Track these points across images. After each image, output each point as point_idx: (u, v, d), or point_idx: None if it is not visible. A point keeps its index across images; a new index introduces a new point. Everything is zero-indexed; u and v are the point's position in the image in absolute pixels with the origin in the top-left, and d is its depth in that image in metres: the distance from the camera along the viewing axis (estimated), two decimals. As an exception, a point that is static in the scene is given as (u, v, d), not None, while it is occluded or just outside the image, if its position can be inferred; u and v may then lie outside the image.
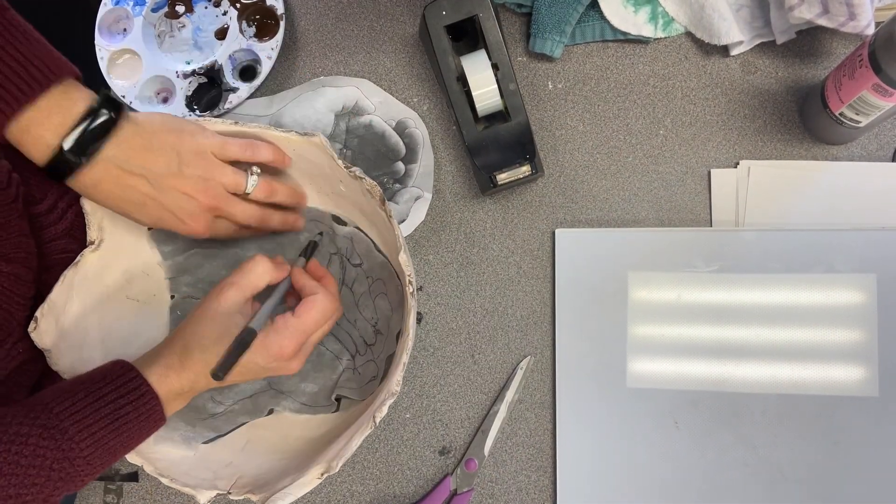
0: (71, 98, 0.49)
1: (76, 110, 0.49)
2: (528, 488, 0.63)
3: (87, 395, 0.48)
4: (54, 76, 0.48)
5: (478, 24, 0.63)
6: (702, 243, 0.63)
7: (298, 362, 0.55)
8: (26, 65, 0.47)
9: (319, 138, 0.56)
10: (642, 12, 0.67)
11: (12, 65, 0.47)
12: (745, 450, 0.60)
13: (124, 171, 0.51)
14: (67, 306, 0.56)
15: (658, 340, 0.63)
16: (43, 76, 0.48)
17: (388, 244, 0.61)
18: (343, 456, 0.51)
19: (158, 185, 0.53)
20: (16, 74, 0.47)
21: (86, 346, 0.58)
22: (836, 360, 0.60)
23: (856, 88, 0.56)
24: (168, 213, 0.54)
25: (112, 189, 0.52)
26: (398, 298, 0.62)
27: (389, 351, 0.61)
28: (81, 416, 0.47)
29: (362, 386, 0.62)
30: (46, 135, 0.48)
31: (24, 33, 0.48)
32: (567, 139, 0.68)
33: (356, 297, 0.63)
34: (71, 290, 0.56)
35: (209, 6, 0.73)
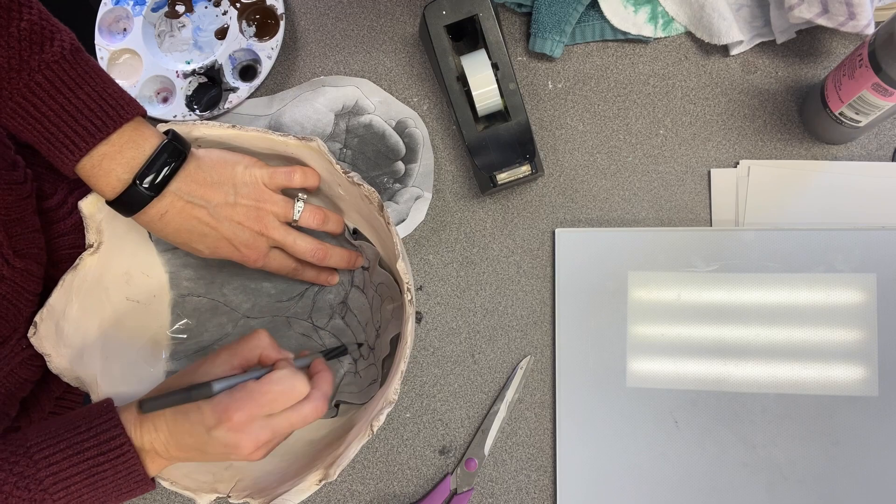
0: (143, 135, 0.52)
1: (148, 146, 0.52)
2: (528, 488, 0.63)
3: (68, 445, 0.47)
4: (127, 114, 0.52)
5: (478, 24, 0.63)
6: (702, 243, 0.63)
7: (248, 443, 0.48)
8: (101, 103, 0.51)
9: (317, 143, 0.55)
10: (642, 12, 0.67)
11: (89, 103, 0.50)
12: (744, 449, 0.60)
13: (188, 203, 0.54)
14: (67, 310, 0.56)
15: (658, 340, 0.63)
16: (116, 114, 0.51)
17: (387, 249, 0.61)
18: (341, 463, 0.51)
19: (217, 215, 0.55)
20: (92, 112, 0.50)
21: (86, 349, 0.58)
22: (835, 359, 0.60)
23: (856, 88, 0.56)
24: (225, 242, 0.57)
25: (176, 220, 0.55)
26: (397, 305, 0.62)
27: (384, 354, 0.61)
28: (59, 469, 0.46)
29: (362, 389, 0.62)
30: (118, 168, 0.52)
31: (97, 73, 0.52)
32: (567, 139, 0.68)
33: (369, 300, 0.63)
34: (70, 294, 0.56)
35: (209, 6, 0.73)
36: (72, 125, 0.50)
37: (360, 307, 0.63)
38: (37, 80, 0.49)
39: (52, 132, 0.50)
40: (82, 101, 0.50)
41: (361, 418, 0.58)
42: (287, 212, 0.58)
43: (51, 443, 0.47)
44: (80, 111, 0.50)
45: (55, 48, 0.50)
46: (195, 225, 0.55)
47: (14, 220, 0.55)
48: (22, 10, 0.49)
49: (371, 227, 0.62)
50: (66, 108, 0.50)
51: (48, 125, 0.50)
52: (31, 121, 0.50)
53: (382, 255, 0.62)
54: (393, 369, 0.55)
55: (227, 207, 0.56)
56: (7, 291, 0.54)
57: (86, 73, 0.51)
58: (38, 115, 0.50)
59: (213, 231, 0.56)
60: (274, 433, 0.49)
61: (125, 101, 0.52)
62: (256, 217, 0.57)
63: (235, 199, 0.56)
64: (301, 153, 0.57)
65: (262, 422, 0.48)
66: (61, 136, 0.50)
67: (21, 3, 0.50)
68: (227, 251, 0.57)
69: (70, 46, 0.51)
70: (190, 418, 0.48)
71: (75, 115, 0.50)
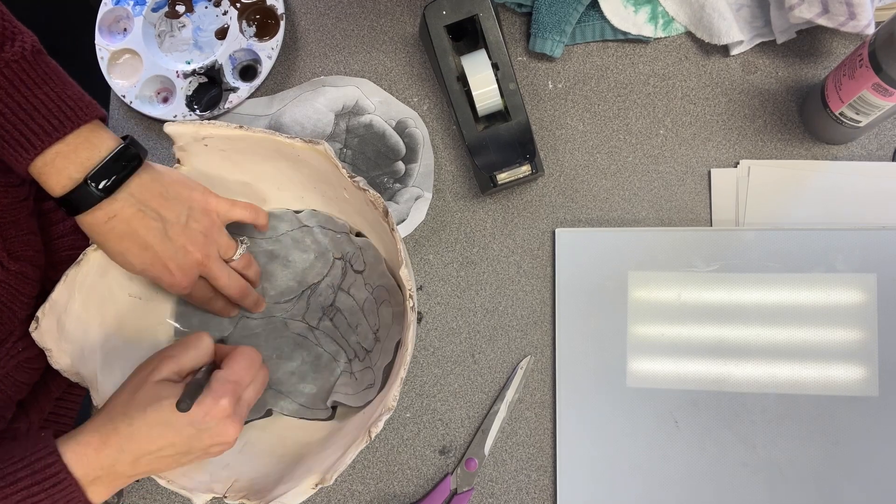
0: (99, 136, 0.52)
1: (104, 147, 0.52)
2: (529, 488, 0.63)
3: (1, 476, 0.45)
4: (85, 115, 0.51)
5: (478, 24, 0.63)
6: (702, 243, 0.63)
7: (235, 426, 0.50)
8: (59, 104, 0.50)
9: (324, 147, 0.55)
10: (642, 12, 0.67)
11: (46, 103, 0.50)
12: (744, 449, 0.60)
13: (140, 211, 0.54)
14: (69, 305, 0.56)
15: (658, 340, 0.63)
16: (74, 115, 0.51)
17: (390, 254, 0.61)
18: (338, 469, 0.51)
19: (166, 232, 0.55)
20: (49, 112, 0.50)
21: (87, 345, 0.58)
22: (836, 359, 0.60)
23: (856, 88, 0.56)
24: (160, 261, 0.56)
25: (123, 226, 0.54)
26: (400, 310, 0.62)
27: (387, 360, 0.61)
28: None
29: (358, 392, 0.62)
30: (70, 167, 0.51)
31: (56, 74, 0.52)
32: (567, 139, 0.68)
33: (360, 303, 0.63)
34: (73, 289, 0.56)
35: (209, 6, 0.73)
36: (28, 124, 0.50)
37: (349, 309, 0.63)
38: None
39: (7, 129, 0.49)
40: (40, 101, 0.50)
41: (358, 422, 0.58)
42: (229, 249, 0.59)
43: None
44: (37, 110, 0.50)
45: (16, 48, 0.49)
46: (142, 235, 0.54)
47: (9, 222, 0.55)
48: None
49: (374, 232, 0.62)
50: (23, 107, 0.49)
51: (2, 122, 0.49)
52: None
53: (386, 258, 0.62)
54: (392, 375, 0.55)
55: (178, 227, 0.55)
56: (2, 294, 0.54)
57: (45, 75, 0.51)
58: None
59: (154, 246, 0.55)
60: (248, 407, 0.53)
61: (84, 102, 0.52)
62: (203, 244, 0.57)
63: (187, 222, 0.56)
64: (307, 155, 0.57)
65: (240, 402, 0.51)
66: (16, 133, 0.49)
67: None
68: (159, 271, 0.56)
69: (31, 48, 0.50)
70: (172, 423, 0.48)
71: (32, 115, 0.50)
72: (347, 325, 0.63)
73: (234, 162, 0.60)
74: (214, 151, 0.59)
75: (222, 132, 0.56)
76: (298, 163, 0.59)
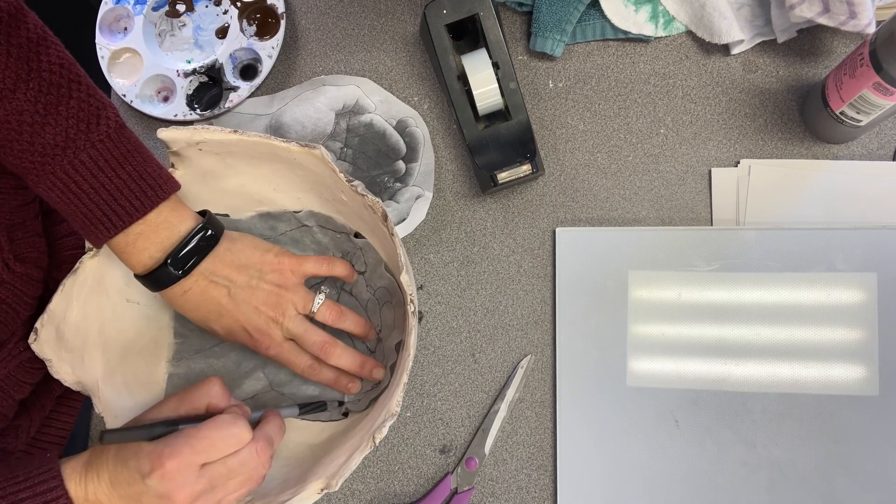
0: (178, 215, 0.53)
1: (183, 227, 0.53)
2: (529, 487, 0.63)
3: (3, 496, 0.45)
4: (164, 193, 0.52)
5: (478, 23, 0.63)
6: (702, 242, 0.63)
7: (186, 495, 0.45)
8: (140, 183, 0.51)
9: (321, 151, 0.55)
10: (643, 11, 0.67)
11: (129, 183, 0.51)
12: (745, 448, 0.60)
13: (210, 283, 0.55)
14: (67, 314, 0.56)
15: (658, 339, 0.63)
16: (154, 194, 0.51)
17: (391, 258, 0.60)
18: (343, 474, 0.51)
19: (235, 296, 0.55)
20: (131, 192, 0.51)
21: (87, 352, 0.57)
22: (836, 359, 0.60)
23: (857, 87, 0.56)
24: (239, 326, 0.56)
25: (197, 298, 0.55)
26: (401, 312, 0.62)
27: (390, 361, 0.61)
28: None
29: (365, 393, 0.61)
30: (151, 248, 0.52)
31: (138, 151, 0.52)
32: (567, 138, 0.68)
33: (363, 303, 0.63)
34: (70, 299, 0.56)
35: (210, 5, 0.73)
36: (111, 204, 0.50)
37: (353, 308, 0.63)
38: (81, 158, 0.49)
39: (91, 209, 0.50)
40: (122, 181, 0.51)
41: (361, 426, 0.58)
42: (307, 303, 0.58)
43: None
44: (120, 191, 0.50)
45: (101, 127, 0.50)
46: (213, 305, 0.55)
47: (16, 224, 0.55)
48: (72, 87, 0.49)
49: (374, 235, 0.61)
50: (106, 187, 0.50)
51: (87, 202, 0.50)
52: (71, 196, 0.50)
53: (386, 260, 0.62)
54: (395, 381, 0.54)
55: (248, 290, 0.55)
56: (6, 295, 0.54)
57: (128, 152, 0.51)
58: (79, 191, 0.50)
59: (228, 313, 0.55)
60: (211, 482, 0.47)
61: (163, 179, 0.53)
62: (276, 303, 0.56)
63: (258, 283, 0.56)
64: (304, 159, 0.57)
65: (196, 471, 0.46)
66: (99, 213, 0.50)
67: (71, 79, 0.50)
68: (242, 336, 0.57)
69: (115, 125, 0.51)
70: (128, 465, 0.46)
71: (115, 195, 0.50)
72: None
73: (229, 165, 0.60)
74: (209, 155, 0.58)
75: (217, 137, 0.56)
76: (295, 166, 0.59)
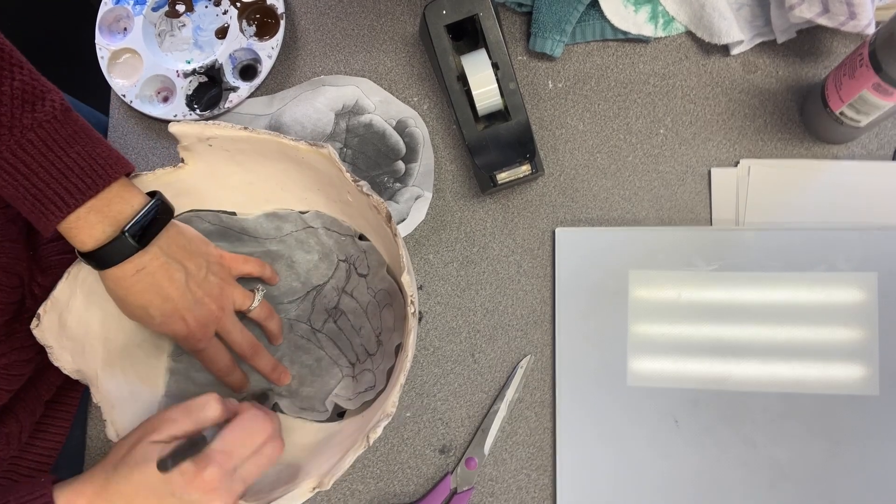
0: (130, 192, 0.53)
1: (136, 201, 0.53)
2: (529, 487, 0.63)
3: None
4: (115, 173, 0.52)
5: (478, 24, 0.63)
6: (702, 242, 0.63)
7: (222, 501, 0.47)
8: (90, 162, 0.51)
9: (329, 150, 0.55)
10: (642, 11, 0.67)
11: (79, 161, 0.51)
12: (745, 448, 0.60)
13: (167, 262, 0.55)
14: (71, 302, 0.56)
15: (658, 339, 0.63)
16: (105, 173, 0.52)
17: (393, 259, 0.60)
18: (335, 473, 0.51)
19: (188, 283, 0.56)
20: (82, 171, 0.51)
21: (88, 342, 0.58)
22: (836, 358, 0.60)
23: (856, 87, 0.56)
24: (177, 315, 0.56)
25: (149, 278, 0.54)
26: (401, 314, 0.62)
27: (388, 364, 0.61)
28: None
29: (357, 395, 0.62)
30: (105, 221, 0.52)
31: (86, 132, 0.52)
32: (567, 138, 0.68)
33: (363, 306, 0.63)
34: (75, 286, 0.56)
35: (209, 5, 0.73)
36: (62, 182, 0.50)
37: (353, 311, 0.63)
38: (28, 137, 0.49)
39: (41, 189, 0.50)
40: (72, 160, 0.50)
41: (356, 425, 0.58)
42: (245, 300, 0.60)
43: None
44: (70, 169, 0.50)
45: (46, 107, 0.50)
46: (165, 286, 0.54)
47: None
48: (13, 69, 0.49)
49: (377, 235, 0.62)
50: (56, 166, 0.50)
51: (36, 182, 0.50)
52: (19, 177, 0.50)
53: (389, 262, 0.62)
54: (392, 381, 0.54)
55: (199, 279, 0.56)
56: None
57: (75, 133, 0.51)
58: (27, 171, 0.50)
59: (175, 298, 0.55)
60: (245, 484, 0.49)
61: (114, 159, 0.52)
62: (219, 296, 0.58)
63: (206, 275, 0.57)
64: (311, 158, 0.57)
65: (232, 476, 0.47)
66: (50, 192, 0.50)
67: (13, 63, 0.50)
68: (176, 324, 0.56)
69: (60, 106, 0.51)
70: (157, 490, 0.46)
71: (66, 173, 0.50)
72: (351, 327, 0.63)
73: (238, 162, 0.60)
74: (219, 151, 0.59)
75: (227, 133, 0.57)
76: (302, 165, 0.59)
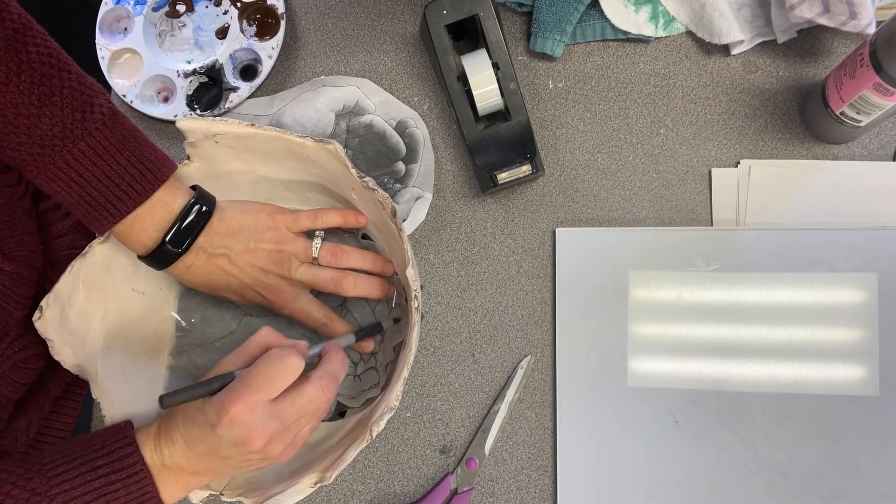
0: (172, 195, 0.54)
1: (176, 206, 0.54)
2: (529, 487, 0.63)
3: (81, 463, 0.46)
4: (163, 175, 0.53)
5: (478, 24, 0.63)
6: (702, 242, 0.63)
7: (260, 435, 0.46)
8: (139, 167, 0.52)
9: (335, 146, 0.56)
10: (643, 11, 0.67)
11: (128, 168, 0.51)
12: (745, 449, 0.60)
13: (210, 255, 0.56)
14: (73, 297, 0.56)
15: (659, 339, 0.63)
16: (154, 177, 0.52)
17: (396, 255, 0.61)
18: (338, 467, 0.51)
19: (237, 262, 0.56)
20: (132, 177, 0.51)
21: (89, 337, 0.58)
22: (836, 359, 0.60)
23: (857, 87, 0.56)
24: (249, 289, 0.57)
25: (201, 272, 0.56)
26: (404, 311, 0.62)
27: (389, 359, 0.61)
28: (70, 486, 0.45)
29: (360, 393, 0.62)
30: (149, 229, 0.53)
31: (134, 135, 0.53)
32: (568, 138, 0.68)
33: (372, 306, 0.63)
34: (77, 281, 0.56)
35: (210, 5, 0.73)
36: (113, 190, 0.51)
37: (359, 309, 0.63)
38: (80, 147, 0.50)
39: (94, 196, 0.51)
40: (122, 167, 0.51)
41: (358, 421, 0.58)
42: (307, 251, 0.59)
43: (65, 460, 0.46)
44: (121, 177, 0.51)
45: (96, 115, 0.51)
46: (219, 274, 0.56)
47: (3, 222, 0.55)
48: (62, 76, 0.50)
49: (381, 232, 0.62)
50: (108, 174, 0.51)
51: (90, 190, 0.51)
52: (73, 185, 0.51)
53: (392, 258, 0.62)
54: (395, 375, 0.55)
55: (248, 254, 0.57)
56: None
57: (124, 138, 0.52)
58: (81, 180, 0.51)
59: (235, 279, 0.57)
60: (282, 422, 0.47)
61: (161, 160, 0.53)
62: (278, 261, 0.58)
63: (256, 245, 0.57)
64: (317, 155, 0.57)
65: (264, 409, 0.46)
66: (102, 200, 0.51)
67: (61, 68, 0.50)
68: (256, 298, 0.58)
69: (109, 110, 0.52)
70: (197, 422, 0.47)
71: (116, 181, 0.51)
72: (358, 324, 0.63)
73: (243, 160, 0.60)
74: (225, 148, 0.59)
75: (233, 129, 0.57)
76: (307, 162, 0.59)
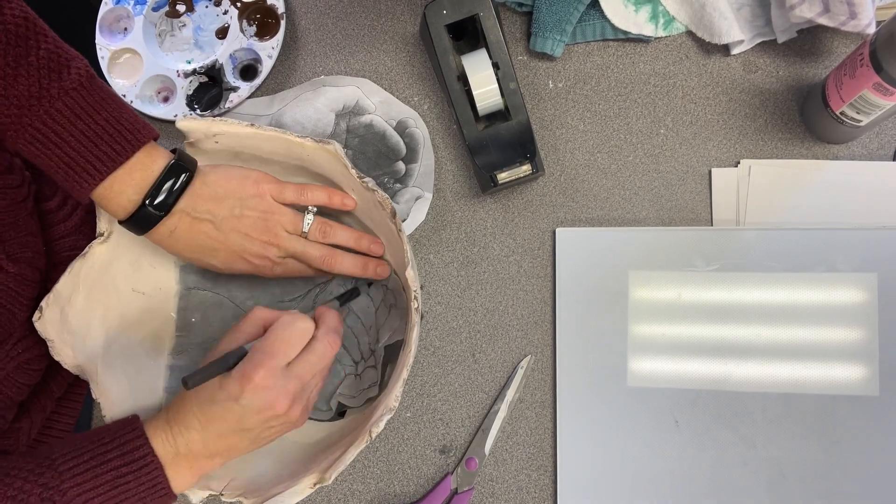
0: (152, 157, 0.53)
1: (156, 168, 0.53)
2: (529, 487, 0.63)
3: (92, 456, 0.47)
4: (143, 138, 0.53)
5: (478, 23, 0.63)
6: (702, 242, 0.63)
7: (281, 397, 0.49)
8: (118, 128, 0.52)
9: (334, 147, 0.56)
10: (643, 11, 0.67)
11: (107, 128, 0.51)
12: (745, 449, 0.60)
13: (194, 219, 0.55)
14: (73, 297, 0.56)
15: (658, 339, 0.63)
16: (134, 138, 0.52)
17: (396, 256, 0.61)
18: (337, 468, 0.51)
19: (223, 228, 0.56)
20: (111, 137, 0.51)
21: (89, 338, 0.58)
22: (836, 359, 0.60)
23: (857, 87, 0.56)
24: (235, 255, 0.57)
25: (185, 236, 0.56)
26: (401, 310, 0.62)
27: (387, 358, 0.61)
28: (83, 480, 0.46)
29: (360, 392, 0.62)
30: (128, 191, 0.53)
31: (112, 98, 0.53)
32: (568, 138, 0.68)
33: (376, 304, 0.63)
34: (77, 281, 0.56)
35: (210, 5, 0.73)
36: (92, 150, 0.51)
37: (364, 310, 0.63)
38: (57, 106, 0.50)
39: (73, 157, 0.51)
40: (101, 127, 0.51)
41: (358, 421, 0.58)
42: (296, 223, 0.59)
43: (76, 454, 0.47)
44: (100, 136, 0.51)
45: (73, 75, 0.51)
46: (203, 240, 0.56)
47: (8, 224, 0.55)
48: (38, 38, 0.50)
49: (381, 233, 0.62)
50: (86, 134, 0.51)
51: (68, 150, 0.51)
52: (52, 146, 0.51)
53: (391, 260, 0.62)
54: (394, 376, 0.55)
55: (233, 220, 0.56)
56: (1, 297, 0.54)
57: (102, 99, 0.52)
58: (59, 140, 0.50)
59: (220, 245, 0.57)
60: (301, 381, 0.50)
61: (140, 124, 0.53)
62: (265, 228, 0.57)
63: (241, 212, 0.57)
64: (316, 155, 0.57)
65: (283, 372, 0.49)
66: (82, 161, 0.51)
67: (37, 31, 0.50)
68: (240, 265, 0.58)
69: (86, 73, 0.52)
70: (217, 399, 0.49)
71: (95, 141, 0.51)
72: (361, 325, 0.63)
73: (244, 160, 0.61)
74: (225, 149, 0.59)
75: (233, 130, 0.57)
76: (307, 162, 0.59)
